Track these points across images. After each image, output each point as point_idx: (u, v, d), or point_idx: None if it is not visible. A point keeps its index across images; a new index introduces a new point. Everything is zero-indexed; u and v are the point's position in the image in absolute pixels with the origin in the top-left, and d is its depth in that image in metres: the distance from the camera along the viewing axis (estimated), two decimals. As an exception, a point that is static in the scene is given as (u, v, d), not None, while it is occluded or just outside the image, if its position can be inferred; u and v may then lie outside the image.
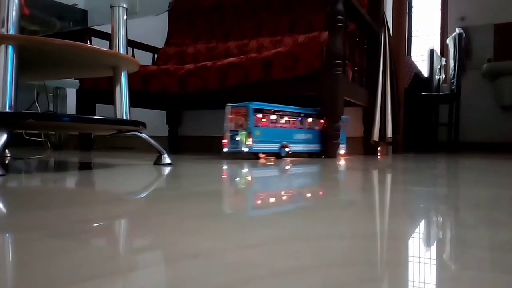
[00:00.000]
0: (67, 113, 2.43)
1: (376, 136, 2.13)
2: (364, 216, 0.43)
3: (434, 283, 0.23)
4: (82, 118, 1.01)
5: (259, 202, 0.51)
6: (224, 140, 1.58)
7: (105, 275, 0.24)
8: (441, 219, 0.43)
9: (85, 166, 1.10)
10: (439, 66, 3.66)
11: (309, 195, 0.58)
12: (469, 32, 3.82)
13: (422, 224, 0.40)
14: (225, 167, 1.12)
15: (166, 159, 1.19)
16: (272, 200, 0.53)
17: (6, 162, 1.21)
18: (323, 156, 1.77)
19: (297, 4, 2.38)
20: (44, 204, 0.48)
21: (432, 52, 3.41)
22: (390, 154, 2.27)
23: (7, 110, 0.89)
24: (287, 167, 1.14)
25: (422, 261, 0.27)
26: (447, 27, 3.96)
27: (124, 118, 1.19)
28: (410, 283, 0.23)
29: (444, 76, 3.82)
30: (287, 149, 1.65)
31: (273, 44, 2.29)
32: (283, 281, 0.23)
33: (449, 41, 3.45)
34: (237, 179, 0.81)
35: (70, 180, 0.77)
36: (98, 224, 0.38)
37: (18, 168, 1.02)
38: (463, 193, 0.63)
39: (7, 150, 1.53)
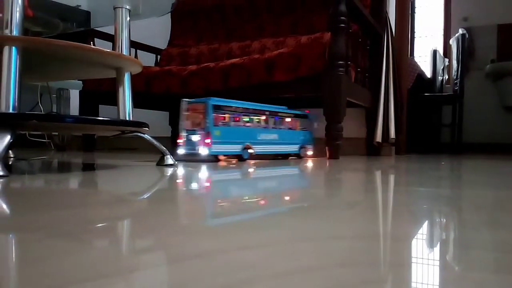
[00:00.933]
0: (71, 114, 2.44)
1: (379, 137, 2.13)
2: (367, 217, 0.43)
3: (438, 284, 0.23)
4: (85, 119, 1.01)
5: (259, 203, 0.51)
6: (179, 141, 1.41)
7: (107, 275, 0.24)
8: (444, 220, 0.42)
9: (88, 167, 1.10)
10: (442, 67, 3.65)
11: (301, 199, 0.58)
12: (472, 32, 3.81)
13: (425, 225, 0.39)
14: (222, 166, 1.12)
15: (169, 160, 1.19)
16: (271, 201, 0.53)
17: (10, 163, 1.22)
18: (319, 157, 1.74)
19: (299, 5, 2.38)
20: (47, 205, 0.48)
21: (435, 52, 3.40)
22: (393, 155, 2.26)
23: (11, 111, 0.90)
24: (251, 170, 1.14)
25: (425, 262, 0.27)
26: (450, 28, 3.95)
27: (127, 119, 1.19)
28: (413, 285, 0.23)
29: (447, 77, 3.81)
30: (250, 151, 1.50)
31: (275, 45, 2.29)
32: (284, 282, 0.23)
33: (452, 42, 3.44)
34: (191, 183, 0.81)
35: (73, 181, 0.77)
36: (100, 225, 0.38)
37: (22, 169, 1.02)
38: (466, 194, 0.63)
39: (10, 151, 1.53)
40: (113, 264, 0.26)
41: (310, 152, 1.82)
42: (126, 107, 1.18)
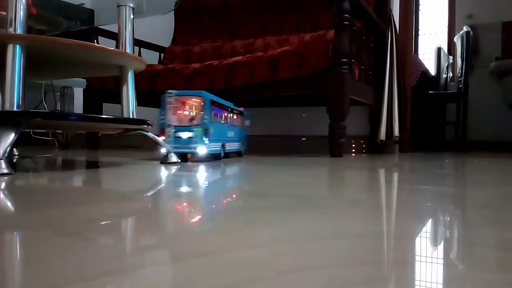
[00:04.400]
0: (75, 112, 2.44)
1: (382, 135, 2.12)
2: (371, 215, 0.43)
3: (441, 282, 0.23)
4: (89, 117, 1.01)
5: (262, 201, 0.51)
6: (162, 138, 1.22)
7: (112, 273, 0.24)
8: (449, 218, 0.42)
9: (92, 165, 1.10)
10: (446, 65, 3.63)
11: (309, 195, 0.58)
12: (476, 30, 3.79)
13: (429, 223, 0.39)
14: (226, 164, 1.12)
15: (173, 158, 1.19)
16: (275, 199, 0.53)
17: (14, 160, 1.22)
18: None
19: (303, 3, 2.37)
20: (51, 203, 0.48)
21: (439, 50, 3.39)
22: (396, 153, 2.26)
23: (15, 109, 0.90)
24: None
25: (429, 260, 0.27)
26: (454, 25, 3.93)
27: (131, 117, 1.19)
28: (417, 283, 0.23)
29: (451, 75, 3.80)
30: (224, 149, 1.42)
31: (279, 43, 2.28)
32: (288, 280, 0.23)
33: (457, 39, 3.43)
34: (202, 181, 0.81)
35: (77, 179, 0.77)
36: (104, 222, 0.38)
37: (26, 167, 1.02)
38: (471, 192, 0.63)
39: (15, 149, 1.54)
40: (118, 262, 0.26)
41: (244, 150, 1.71)
42: (130, 105, 1.18)
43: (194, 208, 0.46)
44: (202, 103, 1.23)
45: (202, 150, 1.23)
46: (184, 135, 1.23)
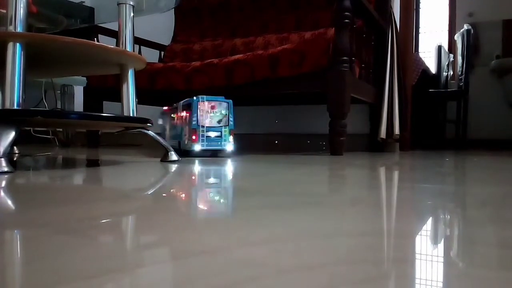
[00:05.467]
0: (75, 110, 2.44)
1: (383, 133, 2.12)
2: (371, 213, 0.43)
3: (442, 281, 0.23)
4: (89, 116, 1.01)
5: (263, 199, 0.51)
6: (193, 137, 1.39)
7: (112, 271, 0.24)
8: (449, 216, 0.42)
9: (93, 163, 1.10)
10: (447, 63, 3.63)
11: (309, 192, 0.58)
12: (477, 28, 3.78)
13: (429, 221, 0.39)
14: (225, 163, 1.12)
15: (173, 156, 1.19)
16: (275, 197, 0.53)
17: (14, 159, 1.22)
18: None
19: (303, 1, 2.37)
20: (51, 201, 0.48)
21: (440, 48, 3.39)
22: (397, 151, 2.26)
23: (15, 107, 0.90)
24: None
25: (429, 258, 0.27)
26: (455, 23, 3.93)
27: (131, 115, 1.19)
28: (417, 281, 0.23)
29: (452, 73, 3.79)
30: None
31: (279, 41, 2.28)
32: (288, 279, 0.23)
33: (457, 37, 3.42)
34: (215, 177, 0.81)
35: (78, 177, 0.77)
36: (105, 221, 0.38)
37: (26, 165, 1.02)
38: (471, 190, 0.63)
39: (15, 147, 1.54)
40: (119, 260, 0.26)
41: (230, 148, 1.63)
42: (130, 104, 1.18)
43: (194, 207, 0.46)
44: (228, 108, 1.44)
45: (229, 147, 1.43)
46: (213, 134, 1.42)
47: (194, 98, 1.41)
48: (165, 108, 1.75)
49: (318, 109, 2.44)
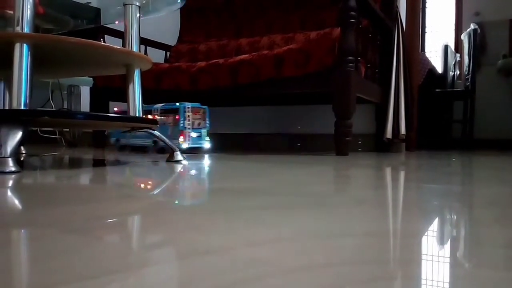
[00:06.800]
0: (81, 110, 2.45)
1: (389, 133, 2.11)
2: (377, 213, 0.43)
3: (448, 281, 0.23)
4: (96, 116, 1.02)
5: (269, 199, 0.51)
6: (181, 137, 1.68)
7: (118, 271, 0.24)
8: (455, 217, 0.42)
9: (99, 163, 1.11)
10: (453, 62, 3.61)
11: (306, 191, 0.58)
12: (484, 27, 3.76)
13: (435, 222, 0.39)
14: (235, 162, 1.12)
15: (179, 156, 1.19)
16: (280, 197, 0.53)
17: (22, 159, 1.23)
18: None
19: (308, 1, 2.37)
20: (58, 201, 0.48)
21: (446, 48, 3.37)
22: (403, 151, 2.25)
23: (23, 107, 0.91)
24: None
25: (435, 259, 0.27)
26: (461, 23, 3.90)
27: (137, 115, 1.19)
28: (423, 282, 0.23)
29: (458, 72, 3.77)
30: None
31: (284, 41, 2.28)
32: (293, 279, 0.23)
33: (464, 37, 3.40)
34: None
35: (84, 177, 0.78)
36: (111, 220, 0.38)
37: (33, 165, 1.03)
38: (478, 190, 0.62)
39: (22, 147, 1.55)
40: (124, 260, 0.26)
41: (207, 145, 1.90)
42: (136, 104, 1.19)
43: (199, 206, 0.46)
44: (205, 113, 1.76)
45: (207, 145, 1.75)
46: (195, 134, 1.70)
47: (177, 104, 1.68)
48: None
49: (323, 109, 2.44)
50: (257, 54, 1.85)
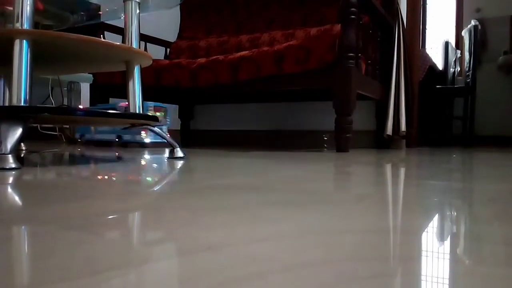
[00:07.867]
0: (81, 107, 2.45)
1: (389, 130, 2.11)
2: (377, 210, 0.43)
3: (448, 278, 0.23)
4: (96, 112, 1.02)
5: (269, 196, 0.51)
6: (143, 133, 1.89)
7: (119, 267, 0.24)
8: (455, 213, 0.42)
9: (99, 160, 1.11)
10: (454, 59, 3.60)
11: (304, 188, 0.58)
12: (484, 24, 3.75)
13: (436, 218, 0.39)
14: (232, 159, 1.12)
15: (179, 153, 1.19)
16: (281, 194, 0.53)
17: (22, 155, 1.23)
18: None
19: (310, -3, 2.36)
20: (59, 197, 0.48)
21: (447, 44, 3.36)
22: (403, 148, 2.25)
23: (23, 104, 0.91)
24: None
25: (435, 256, 0.27)
26: (462, 19, 3.89)
27: (137, 112, 1.19)
28: (423, 278, 0.23)
29: (459, 69, 3.77)
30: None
31: (285, 38, 2.28)
32: (293, 275, 0.23)
33: (465, 33, 3.39)
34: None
35: (85, 174, 0.78)
36: (112, 216, 0.38)
37: (33, 162, 1.03)
38: (478, 187, 0.62)
39: (22, 144, 1.55)
40: (125, 256, 0.26)
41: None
42: (136, 100, 1.19)
43: (200, 203, 0.46)
44: (166, 112, 1.99)
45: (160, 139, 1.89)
46: (156, 130, 1.74)
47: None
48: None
49: (324, 105, 2.43)
50: (258, 50, 1.84)
